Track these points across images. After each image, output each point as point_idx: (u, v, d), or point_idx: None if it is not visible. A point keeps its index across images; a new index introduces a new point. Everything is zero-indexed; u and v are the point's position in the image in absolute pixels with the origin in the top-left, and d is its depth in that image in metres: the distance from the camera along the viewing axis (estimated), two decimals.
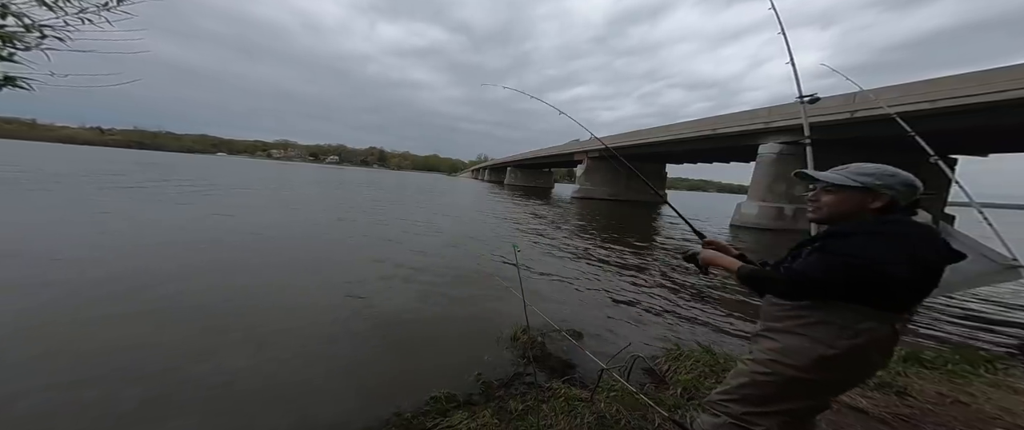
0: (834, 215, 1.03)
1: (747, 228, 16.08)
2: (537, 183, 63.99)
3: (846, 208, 1.00)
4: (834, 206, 1.03)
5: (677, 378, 2.46)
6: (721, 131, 19.45)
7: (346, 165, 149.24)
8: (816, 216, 1.07)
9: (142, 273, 3.88)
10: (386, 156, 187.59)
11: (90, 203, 8.26)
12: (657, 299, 4.62)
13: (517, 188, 49.38)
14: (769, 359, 1.03)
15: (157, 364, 2.29)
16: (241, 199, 11.50)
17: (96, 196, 9.43)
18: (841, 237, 0.94)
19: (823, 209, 1.05)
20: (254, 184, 17.91)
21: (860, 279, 0.87)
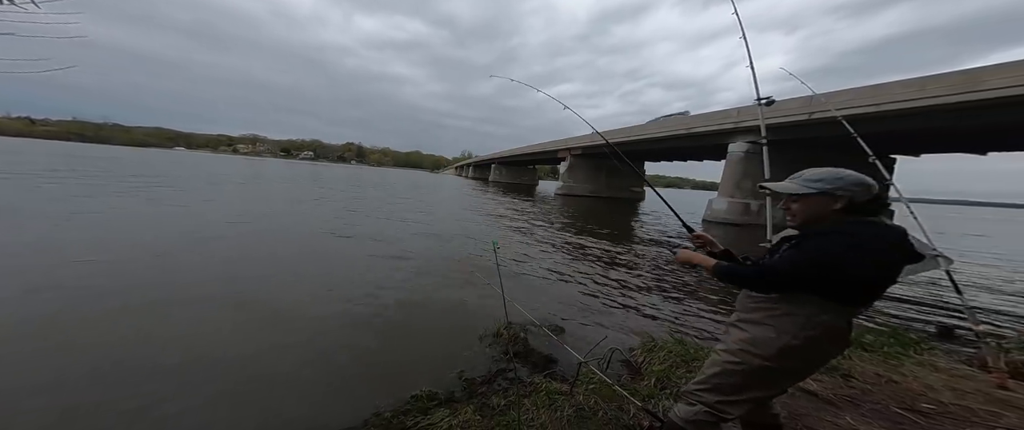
0: (805, 221, 1.10)
1: (718, 223, 16.89)
2: (522, 180, 64.11)
3: (813, 213, 1.08)
4: (802, 213, 1.10)
5: (651, 369, 2.59)
6: (695, 130, 20.24)
7: (321, 161, 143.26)
8: (794, 223, 1.15)
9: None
10: (365, 152, 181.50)
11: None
12: (635, 292, 4.80)
13: (502, 185, 49.30)
14: (740, 349, 1.12)
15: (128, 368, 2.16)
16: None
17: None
18: (812, 237, 1.02)
19: (797, 217, 1.12)
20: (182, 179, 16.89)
21: (825, 276, 0.96)
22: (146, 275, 3.81)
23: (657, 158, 36.21)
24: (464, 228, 9.31)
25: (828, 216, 1.06)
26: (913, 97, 11.27)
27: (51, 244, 4.59)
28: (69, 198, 8.25)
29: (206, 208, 8.65)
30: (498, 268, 2.54)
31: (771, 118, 15.12)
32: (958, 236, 17.25)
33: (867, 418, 1.92)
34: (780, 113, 14.75)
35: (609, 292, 4.77)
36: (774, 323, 1.06)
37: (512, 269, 5.43)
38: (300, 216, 8.84)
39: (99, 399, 1.93)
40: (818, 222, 1.07)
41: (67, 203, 7.58)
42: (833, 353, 1.10)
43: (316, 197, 13.56)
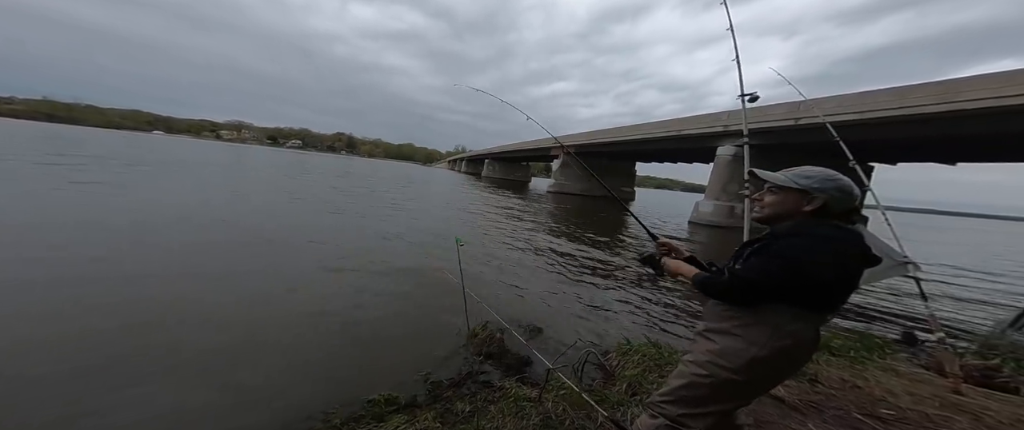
0: (773, 216, 1.07)
1: (703, 225, 17.18)
2: (515, 176, 63.98)
3: (784, 209, 1.05)
4: (774, 206, 1.07)
5: (624, 373, 2.57)
6: (685, 132, 20.48)
7: (310, 150, 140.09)
8: (759, 216, 1.12)
9: None
10: (356, 142, 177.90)
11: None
12: (617, 293, 4.80)
13: (494, 181, 49.05)
14: (707, 360, 1.07)
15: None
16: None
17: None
18: (775, 238, 0.99)
19: (765, 209, 1.09)
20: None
21: (792, 280, 0.92)
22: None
23: (648, 159, 36.58)
24: (448, 225, 9.20)
25: (796, 215, 1.04)
26: (894, 106, 11.59)
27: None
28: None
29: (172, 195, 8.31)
30: (460, 266, 2.48)
31: (757, 122, 15.35)
32: (926, 244, 17.95)
33: (829, 425, 1.94)
34: (768, 117, 15.02)
35: (591, 293, 4.76)
36: (742, 334, 1.02)
37: (495, 268, 5.37)
38: (279, 208, 8.58)
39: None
40: (783, 220, 1.06)
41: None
42: (801, 363, 1.08)
43: (295, 188, 13.20)
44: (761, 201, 1.11)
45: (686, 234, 13.82)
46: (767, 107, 15.26)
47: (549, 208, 16.62)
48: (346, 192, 12.78)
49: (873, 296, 5.71)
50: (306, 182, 15.62)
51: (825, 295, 0.96)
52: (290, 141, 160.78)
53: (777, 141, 15.79)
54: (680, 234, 13.33)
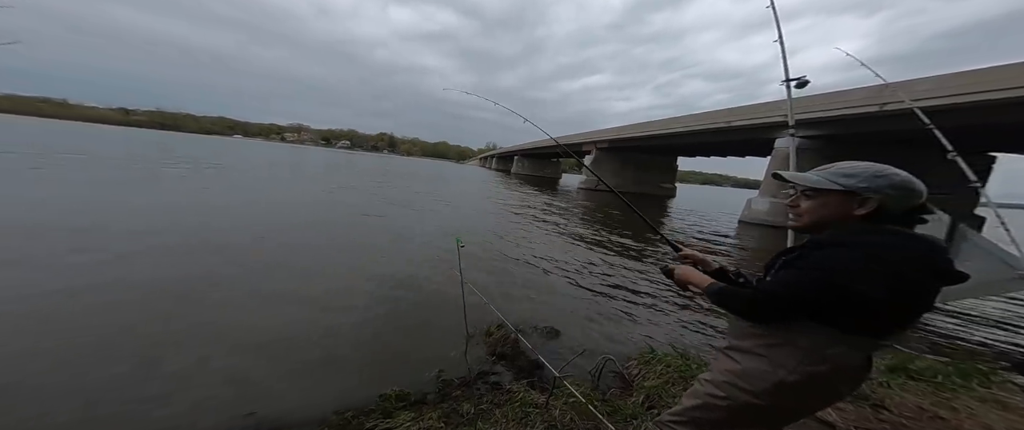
0: (814, 223, 0.92)
1: (756, 225, 15.66)
2: (544, 173, 63.51)
3: (826, 214, 0.89)
4: (813, 213, 0.91)
5: (643, 384, 2.42)
6: (736, 124, 18.79)
7: (357, 150, 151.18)
8: (796, 224, 0.97)
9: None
10: (396, 142, 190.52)
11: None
12: (646, 298, 4.55)
13: (524, 177, 49.15)
14: (726, 381, 0.96)
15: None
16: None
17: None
18: (814, 249, 0.85)
19: (803, 216, 0.94)
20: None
21: (828, 298, 0.79)
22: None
23: (692, 153, 34.24)
24: (479, 222, 9.34)
25: (842, 222, 0.87)
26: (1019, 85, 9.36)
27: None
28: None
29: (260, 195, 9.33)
30: (460, 266, 2.48)
31: (827, 109, 13.55)
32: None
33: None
34: (843, 104, 13.18)
35: (617, 296, 4.56)
36: (768, 354, 0.89)
37: (515, 268, 5.34)
38: (330, 206, 9.30)
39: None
40: (827, 227, 0.89)
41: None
42: (844, 393, 0.92)
43: (349, 186, 14.20)
44: (796, 207, 0.96)
45: (734, 234, 12.69)
46: (843, 92, 13.40)
47: (578, 206, 16.16)
48: (385, 197, 13.49)
49: (979, 311, 4.81)
50: (356, 181, 16.77)
51: (874, 317, 0.80)
52: (340, 142, 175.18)
53: (851, 131, 13.85)
54: (727, 234, 12.27)
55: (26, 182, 7.78)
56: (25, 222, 4.80)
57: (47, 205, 5.87)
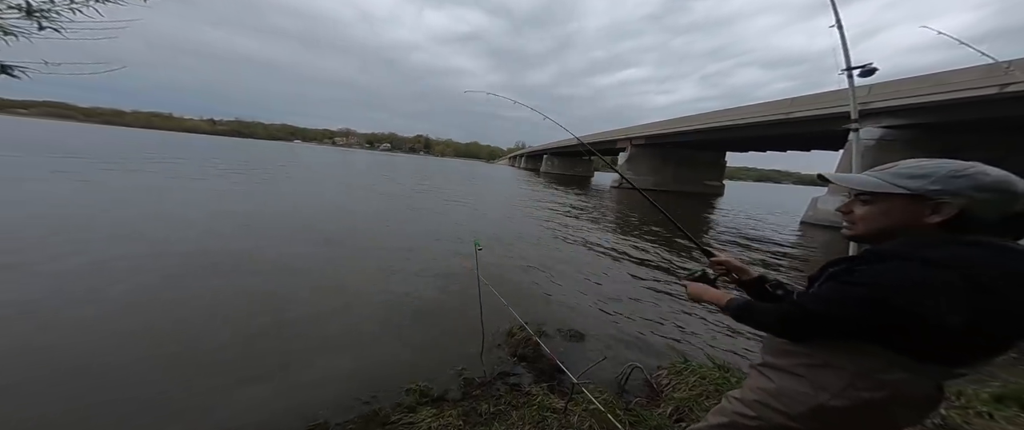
0: (873, 233, 0.78)
1: (823, 227, 13.99)
2: (575, 171, 62.20)
3: (888, 223, 0.76)
4: (871, 221, 0.78)
5: (673, 395, 2.30)
6: (797, 115, 16.97)
7: (397, 152, 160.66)
8: (851, 233, 0.84)
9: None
10: (431, 143, 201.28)
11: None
12: (680, 303, 4.28)
13: (553, 176, 48.53)
14: (757, 400, 0.88)
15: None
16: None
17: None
18: (872, 261, 0.72)
19: (858, 224, 0.81)
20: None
21: (878, 321, 0.68)
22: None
23: (745, 147, 31.48)
24: (506, 223, 9.41)
25: (915, 230, 0.73)
26: None
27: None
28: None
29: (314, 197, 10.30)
30: (477, 269, 2.50)
31: (932, 94, 11.59)
32: None
33: None
34: (947, 87, 11.25)
35: (648, 300, 4.35)
36: (808, 375, 0.80)
37: (542, 269, 5.29)
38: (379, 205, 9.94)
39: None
40: (892, 238, 0.75)
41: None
42: (907, 423, 0.78)
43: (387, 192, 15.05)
44: (850, 214, 0.83)
45: (795, 237, 11.47)
46: (948, 74, 11.43)
47: (611, 206, 15.57)
48: (415, 201, 14.06)
49: None
50: (397, 180, 17.73)
51: (947, 344, 0.66)
52: (382, 144, 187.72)
53: (954, 118, 11.76)
54: (786, 238, 11.10)
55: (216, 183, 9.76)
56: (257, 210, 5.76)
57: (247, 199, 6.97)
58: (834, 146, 21.71)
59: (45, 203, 6.27)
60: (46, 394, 1.94)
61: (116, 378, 2.11)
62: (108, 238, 4.61)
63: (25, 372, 2.07)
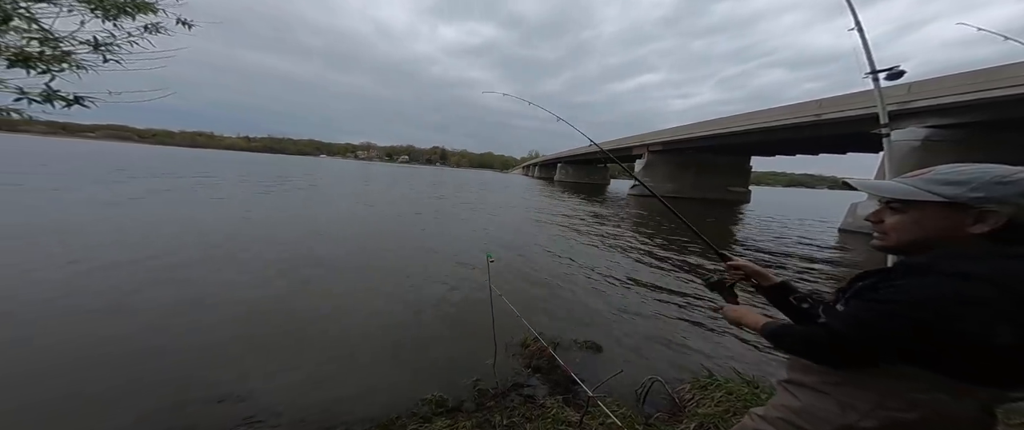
0: (907, 244, 0.72)
1: (865, 235, 13.06)
2: (591, 179, 61.43)
3: (923, 234, 0.70)
4: (903, 230, 0.71)
5: (696, 410, 2.19)
6: (827, 117, 16.19)
7: (415, 164, 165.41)
8: (882, 244, 0.78)
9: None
10: (447, 154, 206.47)
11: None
12: (703, 314, 4.08)
13: (568, 184, 48.14)
14: (781, 417, 0.83)
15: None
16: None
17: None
18: (899, 275, 0.67)
19: (889, 235, 0.74)
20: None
21: (914, 343, 0.63)
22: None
23: (771, 152, 30.22)
24: (519, 232, 9.40)
25: (954, 242, 0.67)
26: None
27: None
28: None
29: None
30: (490, 281, 2.49)
31: (984, 91, 10.70)
32: None
33: None
34: (1002, 83, 10.30)
35: (669, 312, 4.18)
36: (835, 393, 0.74)
37: (558, 279, 5.22)
38: (391, 218, 10.22)
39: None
40: (929, 249, 0.69)
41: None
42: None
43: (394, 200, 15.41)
44: (880, 223, 0.77)
45: (833, 247, 10.76)
46: (1002, 68, 10.49)
47: (628, 214, 15.18)
48: (432, 212, 14.29)
49: None
50: (413, 193, 18.16)
51: (998, 364, 0.60)
52: (401, 157, 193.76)
53: (1009, 116, 10.77)
54: (822, 247, 10.42)
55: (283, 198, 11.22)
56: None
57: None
58: (872, 148, 20.44)
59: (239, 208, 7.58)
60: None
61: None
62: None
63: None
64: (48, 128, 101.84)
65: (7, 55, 1.49)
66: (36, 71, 1.51)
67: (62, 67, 1.59)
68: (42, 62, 1.53)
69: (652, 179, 30.25)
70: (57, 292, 3.38)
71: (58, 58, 1.60)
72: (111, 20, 1.70)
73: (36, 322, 2.82)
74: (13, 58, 1.49)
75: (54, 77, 1.55)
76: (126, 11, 1.71)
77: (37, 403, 1.98)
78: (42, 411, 1.93)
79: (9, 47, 1.51)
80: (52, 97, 1.53)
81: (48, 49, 1.58)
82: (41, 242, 4.95)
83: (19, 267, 3.93)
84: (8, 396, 2.02)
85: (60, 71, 1.58)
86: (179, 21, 1.86)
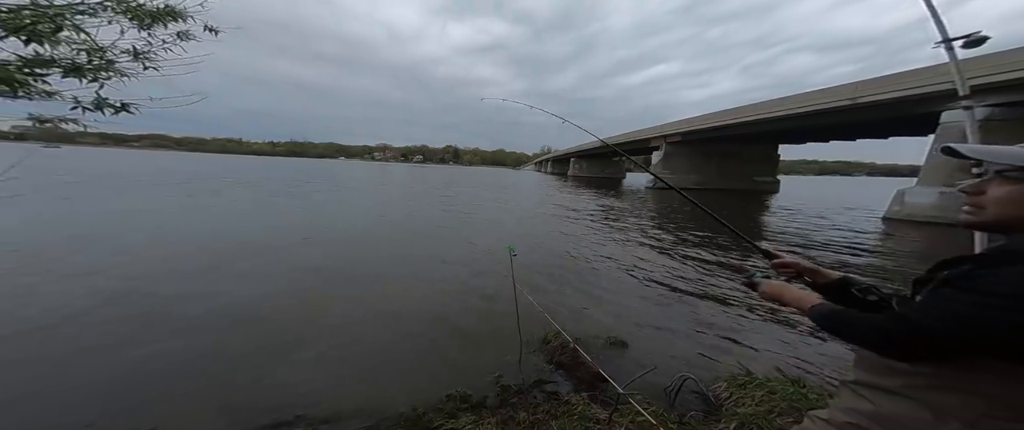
0: (1008, 221, 0.63)
1: (914, 223, 12.04)
2: (605, 173, 60.12)
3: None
4: (1005, 205, 0.63)
5: (735, 410, 2.04)
6: (866, 99, 15.08)
7: (428, 163, 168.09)
8: (975, 220, 0.68)
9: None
10: (459, 153, 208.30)
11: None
12: (738, 310, 3.86)
13: (582, 179, 47.31)
14: (850, 423, 0.74)
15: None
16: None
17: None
18: (1001, 262, 0.58)
19: (987, 210, 0.65)
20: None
21: (1016, 336, 0.54)
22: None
23: (801, 139, 28.58)
24: (538, 228, 9.27)
25: None
26: None
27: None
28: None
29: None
30: (513, 274, 2.41)
31: None
32: None
33: None
34: None
35: (699, 308, 3.98)
36: (926, 399, 0.64)
37: (579, 275, 5.10)
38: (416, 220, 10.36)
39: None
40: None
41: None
42: None
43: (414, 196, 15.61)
44: (979, 195, 0.66)
45: (878, 237, 10.00)
46: None
47: (646, 208, 14.62)
48: (448, 209, 14.33)
49: None
50: (431, 190, 18.40)
51: None
52: (415, 157, 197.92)
53: None
54: (865, 238, 9.63)
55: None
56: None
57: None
58: (919, 131, 18.86)
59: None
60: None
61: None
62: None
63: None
64: (100, 139, 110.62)
65: (62, 64, 1.56)
66: (86, 80, 1.59)
67: (109, 75, 1.66)
68: (91, 71, 1.59)
69: (672, 171, 29.26)
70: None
71: (103, 67, 1.66)
72: (146, 29, 1.75)
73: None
74: (67, 68, 1.55)
75: (102, 85, 1.63)
76: (160, 19, 1.75)
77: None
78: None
79: (63, 58, 1.58)
80: (102, 105, 1.62)
81: (95, 58, 1.65)
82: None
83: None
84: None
85: (107, 79, 1.65)
86: (206, 28, 1.89)
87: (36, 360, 2.40)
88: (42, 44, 1.46)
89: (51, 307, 3.16)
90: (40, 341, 2.64)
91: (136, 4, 1.67)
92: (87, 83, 1.59)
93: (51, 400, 2.04)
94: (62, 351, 2.52)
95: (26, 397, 2.04)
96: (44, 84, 1.57)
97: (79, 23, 1.60)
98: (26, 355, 2.45)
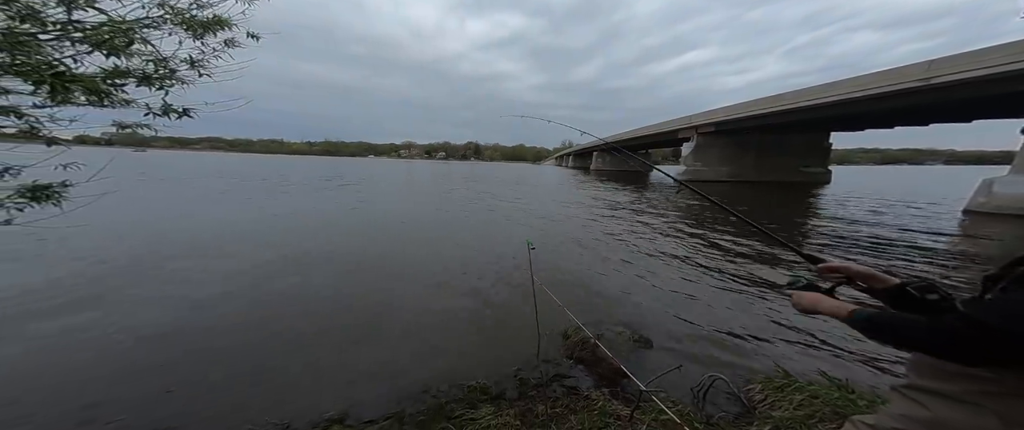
0: None
1: (1004, 216, 10.54)
2: (629, 166, 57.47)
3: None
4: None
5: (770, 413, 1.92)
6: (941, 79, 13.29)
7: (451, 160, 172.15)
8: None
9: None
10: (480, 149, 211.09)
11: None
12: (767, 310, 3.59)
13: (606, 173, 45.69)
14: (900, 429, 0.70)
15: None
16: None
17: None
18: None
19: None
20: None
21: None
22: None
23: (858, 126, 25.75)
24: (558, 224, 9.14)
25: None
26: None
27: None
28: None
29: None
30: (531, 268, 2.40)
31: None
32: None
33: None
34: None
35: (734, 306, 3.77)
36: (991, 405, 0.60)
37: (599, 270, 4.98)
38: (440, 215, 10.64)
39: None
40: None
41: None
42: None
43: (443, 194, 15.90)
44: None
45: (959, 230, 8.85)
46: None
47: (676, 203, 13.49)
48: (472, 204, 14.49)
49: None
50: (448, 193, 18.73)
51: None
52: (438, 154, 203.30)
53: None
54: (942, 229, 8.53)
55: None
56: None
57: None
58: (1012, 112, 16.31)
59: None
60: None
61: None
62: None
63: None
64: (169, 143, 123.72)
65: (136, 74, 1.77)
66: (154, 87, 1.79)
67: (172, 83, 1.87)
68: (158, 80, 1.80)
69: (703, 163, 27.53)
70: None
71: (168, 75, 1.86)
72: (199, 38, 1.92)
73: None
74: (139, 78, 1.77)
75: (167, 92, 1.83)
76: (210, 28, 1.92)
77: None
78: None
79: (136, 69, 1.80)
80: (168, 110, 1.82)
81: (161, 68, 1.85)
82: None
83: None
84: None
85: (171, 87, 1.86)
86: (249, 34, 2.05)
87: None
88: (119, 56, 1.64)
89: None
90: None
91: (190, 16, 1.84)
92: (154, 91, 1.79)
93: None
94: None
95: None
96: (122, 93, 1.78)
97: (146, 36, 1.80)
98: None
